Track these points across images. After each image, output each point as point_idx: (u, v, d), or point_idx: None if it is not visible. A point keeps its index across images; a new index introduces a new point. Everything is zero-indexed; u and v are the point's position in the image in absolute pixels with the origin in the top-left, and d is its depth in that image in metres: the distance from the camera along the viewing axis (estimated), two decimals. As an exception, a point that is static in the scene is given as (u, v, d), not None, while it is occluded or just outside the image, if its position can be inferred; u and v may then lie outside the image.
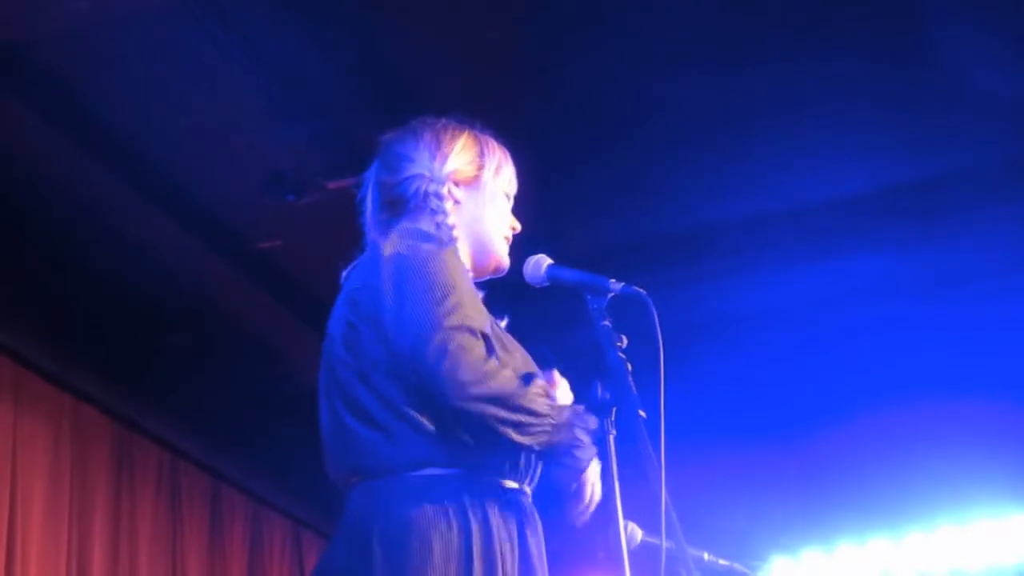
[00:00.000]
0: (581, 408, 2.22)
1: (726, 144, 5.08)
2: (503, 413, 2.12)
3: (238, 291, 5.39)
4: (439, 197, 2.41)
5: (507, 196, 2.51)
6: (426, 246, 2.26)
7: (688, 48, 4.55)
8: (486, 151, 2.48)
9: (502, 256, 2.48)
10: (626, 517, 2.25)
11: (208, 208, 5.03)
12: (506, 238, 2.49)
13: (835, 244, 5.53)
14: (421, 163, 2.44)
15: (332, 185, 4.64)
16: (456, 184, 2.43)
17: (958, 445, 5.96)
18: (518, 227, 2.52)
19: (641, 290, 2.30)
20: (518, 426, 2.14)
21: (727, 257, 5.63)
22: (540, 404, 2.17)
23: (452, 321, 2.14)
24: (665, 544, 2.22)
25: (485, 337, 2.20)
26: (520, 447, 2.17)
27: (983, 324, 5.84)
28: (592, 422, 2.20)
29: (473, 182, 2.45)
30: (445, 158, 2.44)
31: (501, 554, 2.17)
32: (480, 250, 2.44)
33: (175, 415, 5.82)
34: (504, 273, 2.50)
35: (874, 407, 6.07)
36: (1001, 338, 5.85)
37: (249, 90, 4.45)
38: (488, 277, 2.49)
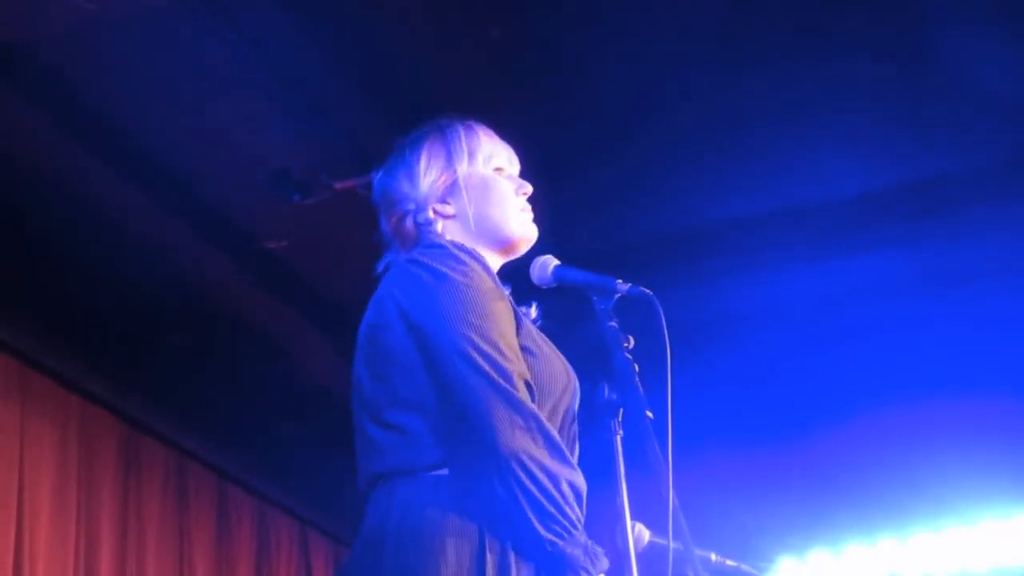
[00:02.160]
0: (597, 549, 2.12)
1: (726, 144, 5.08)
2: (534, 488, 2.07)
3: (243, 291, 5.38)
4: (428, 223, 2.40)
5: (500, 169, 2.45)
6: (455, 266, 2.23)
7: (688, 48, 4.55)
8: (452, 151, 2.43)
9: (523, 229, 2.43)
10: (633, 518, 2.26)
11: (212, 208, 5.02)
12: (521, 209, 2.44)
13: (835, 244, 5.52)
14: (405, 198, 2.42)
15: (339, 186, 4.63)
16: (440, 201, 2.41)
17: (964, 445, 5.97)
18: (529, 189, 2.46)
19: (648, 291, 2.30)
20: (540, 508, 2.08)
21: (727, 257, 5.63)
22: (572, 508, 2.10)
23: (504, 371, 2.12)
24: (672, 545, 2.23)
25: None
26: (530, 526, 2.08)
27: (984, 323, 5.84)
28: (602, 563, 2.12)
29: (451, 190, 2.41)
30: (419, 182, 2.41)
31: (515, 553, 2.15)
32: (495, 238, 2.40)
33: (181, 415, 5.82)
34: (534, 241, 2.45)
35: (879, 407, 6.08)
36: (1002, 337, 5.86)
37: (252, 89, 4.45)
38: (520, 254, 2.45)
